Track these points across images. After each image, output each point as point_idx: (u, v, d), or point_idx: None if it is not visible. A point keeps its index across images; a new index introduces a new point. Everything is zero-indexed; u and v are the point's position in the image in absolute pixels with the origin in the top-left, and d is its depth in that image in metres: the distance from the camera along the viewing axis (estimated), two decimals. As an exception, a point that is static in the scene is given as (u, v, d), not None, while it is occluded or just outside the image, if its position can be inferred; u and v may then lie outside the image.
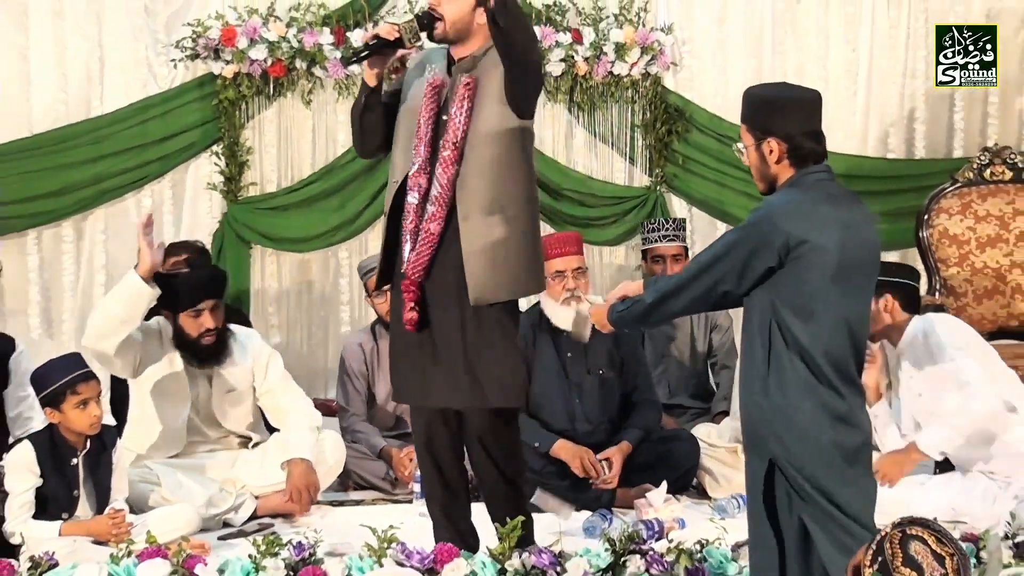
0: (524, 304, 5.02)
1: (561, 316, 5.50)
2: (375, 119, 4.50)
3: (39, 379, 4.81)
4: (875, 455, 5.09)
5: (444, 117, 4.30)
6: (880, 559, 3.00)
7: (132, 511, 4.93)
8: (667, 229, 6.28)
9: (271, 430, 5.71)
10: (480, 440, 4.41)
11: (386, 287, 4.80)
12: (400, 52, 4.39)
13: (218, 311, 5.39)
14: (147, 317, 5.62)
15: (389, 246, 4.44)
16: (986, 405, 4.98)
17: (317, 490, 5.37)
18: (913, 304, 5.23)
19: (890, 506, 4.90)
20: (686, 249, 6.30)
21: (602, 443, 5.53)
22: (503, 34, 4.10)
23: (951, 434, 5.01)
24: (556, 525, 4.85)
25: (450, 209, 4.28)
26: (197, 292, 5.33)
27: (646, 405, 5.70)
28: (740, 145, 3.78)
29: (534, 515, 4.63)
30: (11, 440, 5.19)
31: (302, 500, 5.31)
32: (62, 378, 4.74)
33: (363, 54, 4.35)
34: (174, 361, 5.43)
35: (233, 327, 5.56)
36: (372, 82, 4.42)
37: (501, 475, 4.49)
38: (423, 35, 4.33)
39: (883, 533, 3.06)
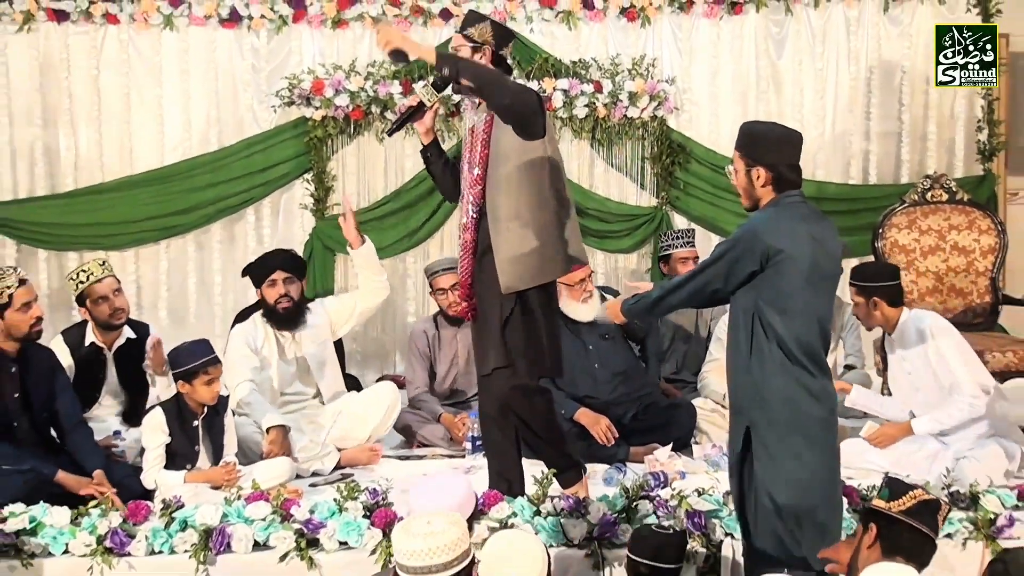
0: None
1: (583, 312, 5.55)
2: (438, 171, 4.57)
3: (177, 357, 4.84)
4: (869, 422, 5.11)
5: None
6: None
7: (241, 463, 4.97)
8: (687, 237, 6.31)
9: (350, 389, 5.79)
10: (508, 406, 4.42)
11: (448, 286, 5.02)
12: (426, 111, 4.41)
13: (292, 284, 5.45)
14: (247, 315, 5.68)
15: None
16: (971, 412, 4.93)
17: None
18: (898, 299, 5.12)
19: (856, 459, 4.94)
20: (696, 256, 6.31)
21: (621, 397, 5.56)
22: (470, 90, 4.20)
23: (938, 425, 5.00)
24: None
25: (479, 220, 4.32)
26: (269, 265, 5.47)
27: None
28: (731, 167, 3.79)
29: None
30: (148, 406, 5.23)
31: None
32: (197, 360, 4.79)
33: (398, 124, 4.45)
34: (268, 339, 5.49)
35: (309, 304, 5.61)
36: (424, 140, 4.51)
37: (536, 436, 4.50)
38: (442, 93, 4.36)
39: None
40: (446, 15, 6.88)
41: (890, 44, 7.11)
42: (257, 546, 4.17)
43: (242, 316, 6.07)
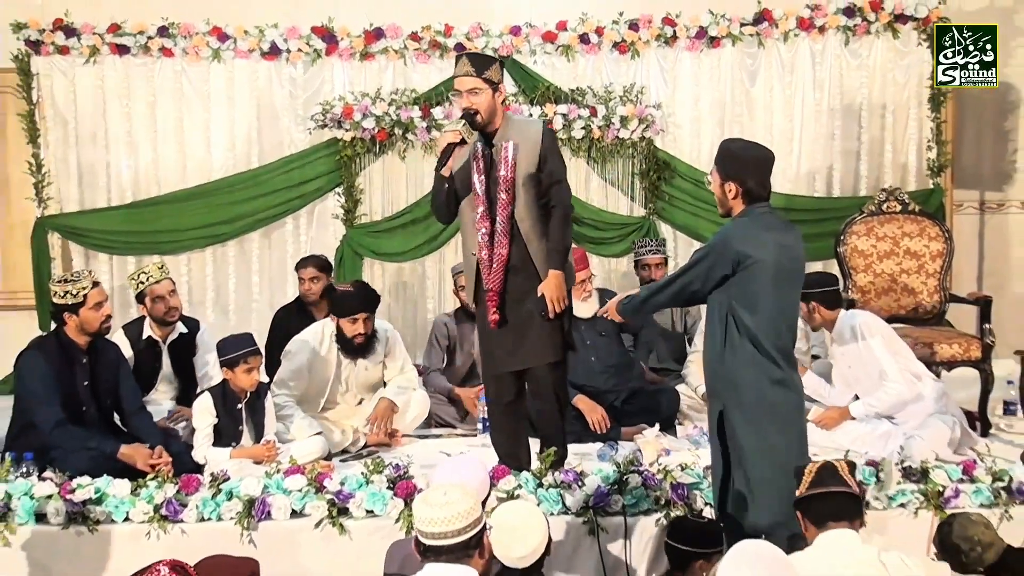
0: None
1: (583, 309, 5.53)
2: (453, 200, 4.45)
3: (223, 347, 4.86)
4: (814, 407, 5.14)
5: (494, 174, 4.29)
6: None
7: (280, 442, 4.98)
8: (652, 246, 6.29)
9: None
10: (544, 382, 4.45)
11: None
12: (466, 144, 4.35)
13: (370, 321, 5.32)
14: (289, 312, 5.66)
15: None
16: (898, 396, 5.01)
17: (389, 421, 5.32)
18: (835, 302, 5.18)
19: (821, 438, 4.97)
20: (665, 259, 6.31)
21: (614, 386, 5.55)
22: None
23: (872, 409, 5.07)
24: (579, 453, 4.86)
25: (511, 238, 4.30)
26: (356, 306, 5.29)
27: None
28: (709, 177, 3.82)
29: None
30: (198, 391, 5.25)
31: (376, 423, 5.28)
32: (238, 350, 4.80)
33: (447, 159, 4.33)
34: (330, 352, 5.39)
35: (377, 323, 5.45)
36: (447, 173, 4.38)
37: (559, 408, 4.54)
38: (468, 127, 4.31)
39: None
40: (460, 48, 6.89)
41: (850, 74, 7.10)
42: (294, 514, 4.20)
43: (280, 314, 6.10)
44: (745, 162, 3.71)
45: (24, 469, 4.38)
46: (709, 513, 4.08)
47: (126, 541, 4.12)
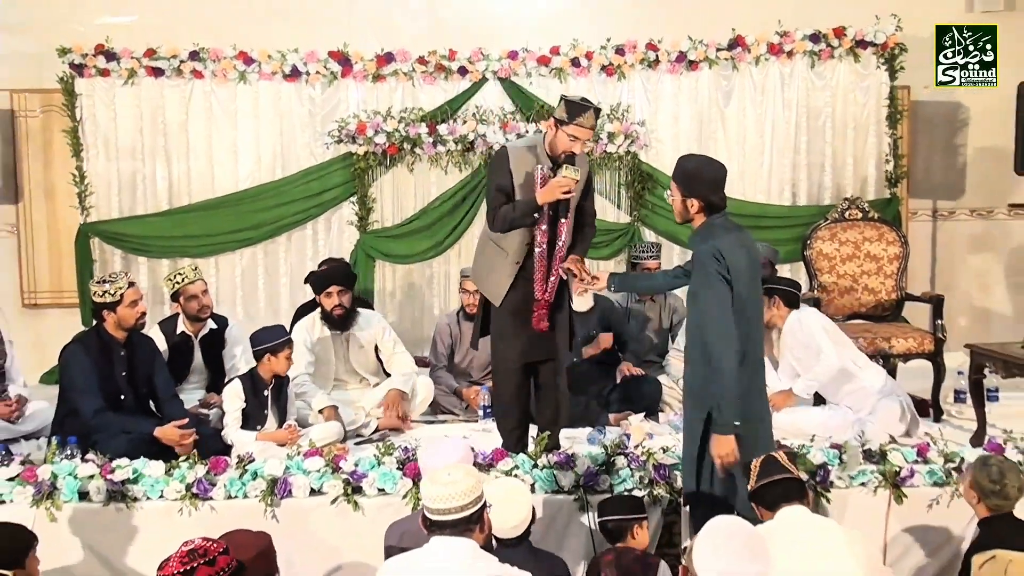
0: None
1: (579, 303, 5.51)
2: (532, 223, 4.38)
3: (262, 337, 4.84)
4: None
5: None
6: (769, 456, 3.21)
7: (300, 426, 4.98)
8: (653, 251, 6.21)
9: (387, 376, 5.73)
10: (553, 375, 4.55)
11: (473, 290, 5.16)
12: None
13: (345, 295, 5.39)
14: (309, 309, 5.68)
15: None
16: (830, 369, 5.07)
17: (400, 407, 5.35)
18: (794, 302, 5.24)
19: (788, 425, 4.98)
20: (659, 266, 6.31)
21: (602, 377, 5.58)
22: None
23: (811, 384, 5.13)
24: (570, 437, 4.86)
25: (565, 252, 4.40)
26: (327, 280, 5.42)
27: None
28: (668, 192, 3.81)
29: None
30: (226, 380, 5.25)
31: (390, 411, 5.32)
32: (278, 339, 4.81)
33: (566, 199, 4.30)
34: (324, 335, 5.47)
35: (361, 309, 5.56)
36: (544, 203, 4.30)
37: (563, 393, 4.61)
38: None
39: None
40: (463, 71, 6.89)
41: (816, 94, 7.09)
42: (313, 492, 4.19)
43: (301, 311, 6.09)
44: (705, 180, 3.69)
45: (68, 452, 4.37)
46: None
47: (160, 517, 4.12)
